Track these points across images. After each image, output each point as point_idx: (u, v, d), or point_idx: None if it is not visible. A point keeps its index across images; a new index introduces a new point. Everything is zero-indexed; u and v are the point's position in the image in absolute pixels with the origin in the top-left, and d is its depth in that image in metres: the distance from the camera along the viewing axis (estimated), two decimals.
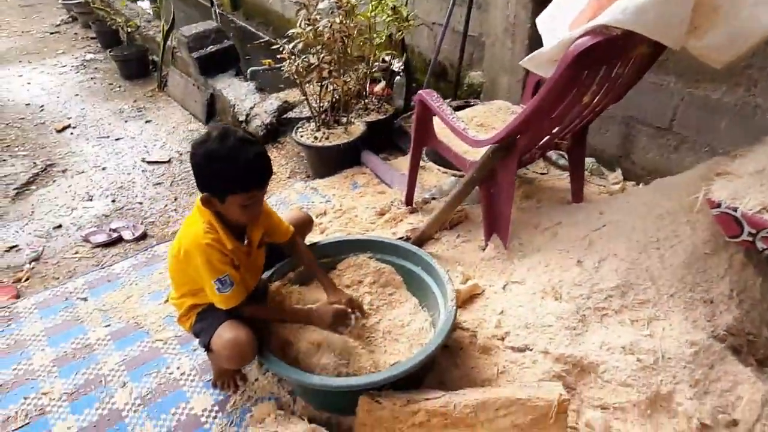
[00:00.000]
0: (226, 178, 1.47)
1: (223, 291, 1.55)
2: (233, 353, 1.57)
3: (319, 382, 1.51)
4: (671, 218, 1.80)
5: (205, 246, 1.52)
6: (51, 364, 1.97)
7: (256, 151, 1.49)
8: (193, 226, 1.57)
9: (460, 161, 2.22)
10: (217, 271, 1.54)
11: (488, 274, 2.14)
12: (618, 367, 1.64)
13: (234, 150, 1.44)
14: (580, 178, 2.35)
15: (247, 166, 1.46)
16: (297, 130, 3.16)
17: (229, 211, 1.55)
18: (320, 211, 2.65)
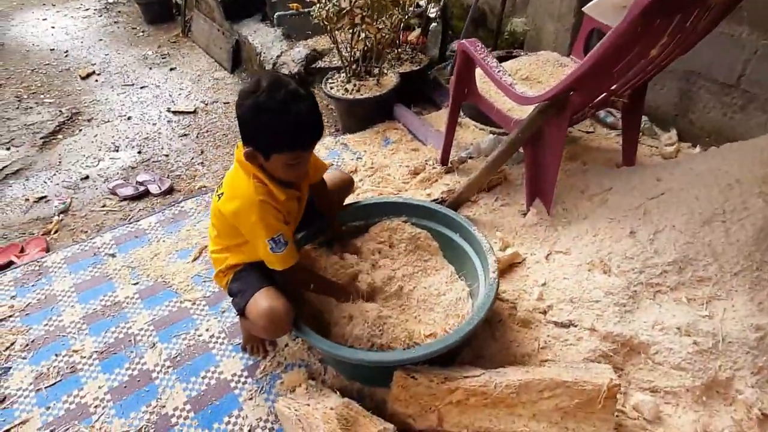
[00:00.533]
0: (275, 134, 1.34)
1: (277, 251, 1.45)
2: (269, 323, 1.49)
3: (355, 357, 1.44)
4: (741, 188, 1.62)
5: (260, 203, 1.42)
6: (81, 321, 1.95)
7: (308, 107, 1.35)
8: (240, 180, 1.46)
9: (503, 119, 2.05)
10: (272, 229, 1.44)
11: (529, 241, 2.01)
12: (672, 349, 1.53)
13: (285, 104, 1.31)
14: (634, 139, 2.16)
15: (298, 124, 1.33)
16: (326, 81, 2.99)
17: (272, 168, 1.43)
18: (351, 168, 2.53)
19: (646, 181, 1.88)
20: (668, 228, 1.72)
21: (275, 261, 1.48)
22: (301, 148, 1.39)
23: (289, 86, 1.33)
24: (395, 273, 1.87)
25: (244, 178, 1.46)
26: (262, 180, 1.45)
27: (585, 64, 1.56)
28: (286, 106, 1.31)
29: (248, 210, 1.43)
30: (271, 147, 1.37)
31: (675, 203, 1.74)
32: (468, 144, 2.67)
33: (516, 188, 2.31)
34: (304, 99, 1.35)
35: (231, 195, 1.48)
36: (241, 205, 1.44)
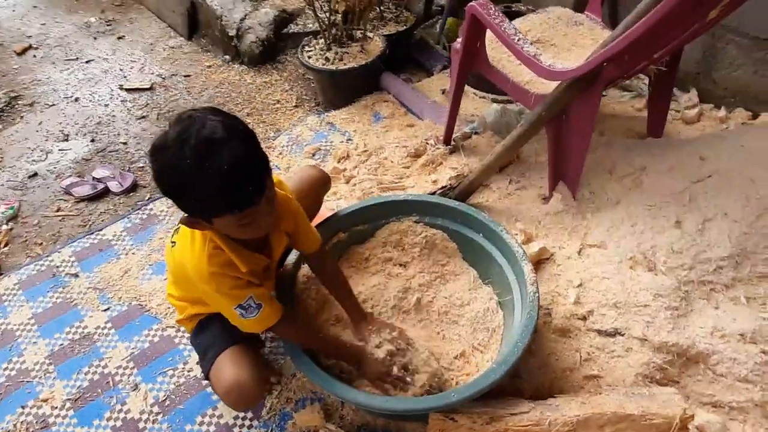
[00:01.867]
0: (199, 199, 0.99)
1: (249, 316, 1.19)
2: (236, 401, 1.28)
3: (384, 406, 1.21)
4: None
5: (210, 276, 1.14)
6: (47, 360, 1.67)
7: (231, 155, 0.94)
8: (191, 244, 1.17)
9: (521, 94, 1.78)
10: (235, 297, 1.17)
11: (555, 233, 1.79)
12: (736, 360, 1.36)
13: (199, 159, 0.93)
14: (664, 109, 1.92)
15: (222, 183, 0.95)
16: (303, 50, 2.63)
17: (224, 230, 1.11)
18: (342, 153, 2.23)
19: (687, 160, 1.66)
20: (720, 216, 1.51)
21: (250, 325, 1.22)
22: (239, 209, 1.00)
23: (201, 132, 0.94)
24: (410, 283, 1.64)
25: (198, 240, 1.16)
26: (219, 246, 1.14)
27: (636, 32, 1.29)
28: (200, 162, 0.93)
29: (199, 283, 1.17)
30: (205, 211, 1.03)
31: (726, 187, 1.53)
32: (469, 116, 2.39)
33: (531, 167, 2.07)
34: (222, 144, 0.94)
35: (181, 257, 1.20)
36: (192, 274, 1.17)
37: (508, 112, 2.25)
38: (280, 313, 1.23)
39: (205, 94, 3.00)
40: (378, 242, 1.68)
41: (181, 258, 1.20)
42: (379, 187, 2.03)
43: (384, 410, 1.23)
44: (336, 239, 1.64)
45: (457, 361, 1.50)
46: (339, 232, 1.64)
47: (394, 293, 1.59)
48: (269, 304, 1.21)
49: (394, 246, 1.68)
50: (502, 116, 2.23)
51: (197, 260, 1.14)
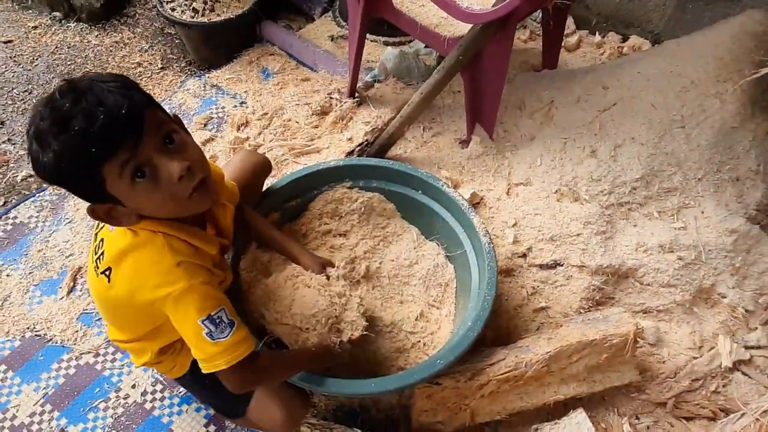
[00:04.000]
0: (79, 153, 0.79)
1: (218, 337, 0.93)
2: (289, 429, 1.18)
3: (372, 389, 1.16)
4: (697, 91, 1.57)
5: (178, 268, 0.91)
6: None
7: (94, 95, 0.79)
8: (136, 254, 0.94)
9: (431, 38, 1.70)
10: (207, 300, 0.93)
11: (481, 176, 1.82)
12: (659, 269, 1.52)
13: (59, 118, 0.78)
14: (559, 39, 1.99)
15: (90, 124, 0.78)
16: (162, 0, 2.25)
17: (147, 206, 0.90)
18: (239, 120, 2.00)
19: (592, 90, 1.75)
20: (628, 141, 1.64)
21: (215, 355, 0.93)
22: (125, 148, 0.81)
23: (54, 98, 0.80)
24: (355, 252, 1.56)
25: (142, 243, 0.93)
26: (169, 233, 0.94)
27: None
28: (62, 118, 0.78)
29: (165, 284, 0.91)
30: (89, 180, 0.83)
31: (630, 113, 1.65)
32: (364, 63, 2.27)
33: (440, 112, 2.05)
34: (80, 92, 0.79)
35: (131, 271, 0.94)
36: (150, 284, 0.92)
37: (407, 54, 2.18)
38: (254, 342, 0.99)
39: (39, 63, 2.47)
40: (313, 215, 1.56)
41: (132, 269, 0.94)
42: (291, 154, 1.87)
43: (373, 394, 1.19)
44: (270, 220, 1.48)
45: (418, 322, 1.49)
46: (271, 212, 1.49)
47: (342, 265, 1.51)
48: (242, 327, 0.97)
49: (331, 216, 1.57)
50: (402, 60, 2.15)
51: (153, 259, 0.92)
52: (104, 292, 0.99)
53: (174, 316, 0.94)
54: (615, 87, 1.71)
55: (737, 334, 1.48)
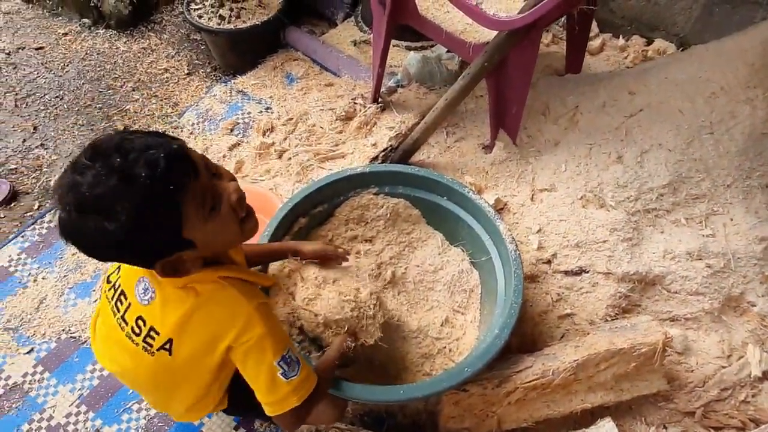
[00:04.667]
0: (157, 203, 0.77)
1: (291, 376, 0.95)
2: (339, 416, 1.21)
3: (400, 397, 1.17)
4: (726, 97, 1.56)
5: (256, 310, 0.92)
6: None
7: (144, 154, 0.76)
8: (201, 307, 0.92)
9: (456, 44, 1.71)
10: (281, 341, 0.95)
11: (505, 181, 1.82)
12: (687, 276, 1.51)
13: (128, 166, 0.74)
14: (583, 44, 1.98)
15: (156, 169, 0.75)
16: (189, 7, 2.29)
17: (208, 239, 0.86)
18: (265, 125, 2.03)
19: (618, 96, 1.74)
20: (655, 147, 1.63)
21: (293, 392, 0.95)
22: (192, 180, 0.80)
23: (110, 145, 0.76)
24: (381, 258, 1.58)
25: (209, 292, 0.92)
26: (232, 276, 0.95)
27: None
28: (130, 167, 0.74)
29: (247, 332, 0.91)
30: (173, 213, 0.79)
31: (658, 119, 1.64)
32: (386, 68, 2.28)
33: (464, 117, 2.05)
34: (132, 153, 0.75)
35: (202, 328, 0.92)
36: (234, 334, 0.91)
37: (430, 59, 2.18)
38: (315, 378, 1.01)
39: (70, 69, 2.53)
40: (340, 221, 1.58)
41: (199, 339, 0.92)
42: (317, 159, 1.89)
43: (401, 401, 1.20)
44: (297, 226, 1.51)
45: (444, 328, 1.50)
46: (299, 218, 1.52)
47: (368, 272, 1.53)
48: (303, 359, 0.99)
49: (357, 222, 1.60)
50: (425, 65, 2.16)
51: (229, 309, 0.91)
52: (164, 365, 0.95)
53: (247, 364, 0.93)
54: (642, 92, 1.70)
55: (767, 344, 1.46)
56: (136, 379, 1.05)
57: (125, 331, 0.97)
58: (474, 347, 1.37)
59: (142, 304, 0.94)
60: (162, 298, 0.92)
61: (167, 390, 1.04)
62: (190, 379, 1.01)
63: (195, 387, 1.02)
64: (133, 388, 1.16)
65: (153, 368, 0.97)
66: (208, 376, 0.99)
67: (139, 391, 1.14)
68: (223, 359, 0.94)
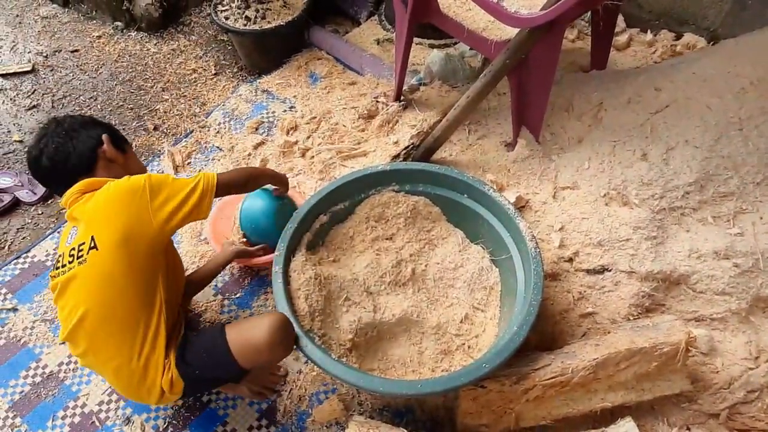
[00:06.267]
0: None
1: (194, 173, 1.33)
2: (281, 336, 1.18)
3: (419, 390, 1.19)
4: (757, 92, 1.52)
5: (141, 178, 1.19)
6: (10, 414, 1.46)
7: None
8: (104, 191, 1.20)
9: (478, 42, 1.71)
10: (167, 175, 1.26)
11: (526, 179, 1.81)
12: (713, 276, 1.48)
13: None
14: (609, 40, 1.95)
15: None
16: (216, 9, 2.35)
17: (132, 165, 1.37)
18: (289, 124, 2.07)
19: (643, 92, 1.72)
20: (682, 144, 1.60)
21: (200, 185, 1.22)
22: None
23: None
24: (401, 255, 1.60)
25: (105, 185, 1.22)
26: None
27: None
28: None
29: (137, 178, 1.19)
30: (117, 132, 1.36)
31: (685, 115, 1.61)
32: (410, 66, 2.29)
33: (486, 114, 2.05)
34: None
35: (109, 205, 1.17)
36: (131, 181, 1.19)
37: (452, 57, 2.18)
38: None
39: (103, 71, 2.62)
40: (360, 218, 1.60)
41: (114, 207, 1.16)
42: (339, 157, 1.92)
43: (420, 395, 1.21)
44: (318, 223, 1.54)
45: (463, 325, 1.51)
46: (320, 215, 1.55)
47: (389, 269, 1.55)
48: None
49: (377, 220, 1.62)
50: (447, 63, 2.16)
51: (120, 180, 1.20)
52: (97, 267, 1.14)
53: (160, 200, 1.17)
54: (668, 88, 1.67)
55: None
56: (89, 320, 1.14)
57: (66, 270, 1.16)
58: (493, 344, 1.37)
59: (68, 243, 1.18)
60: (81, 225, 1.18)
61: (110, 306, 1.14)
62: (124, 270, 1.13)
63: (133, 284, 1.15)
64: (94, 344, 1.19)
65: (91, 281, 1.14)
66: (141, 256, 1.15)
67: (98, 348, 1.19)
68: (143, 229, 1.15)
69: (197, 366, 1.18)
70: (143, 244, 1.15)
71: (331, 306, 1.43)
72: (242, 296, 1.66)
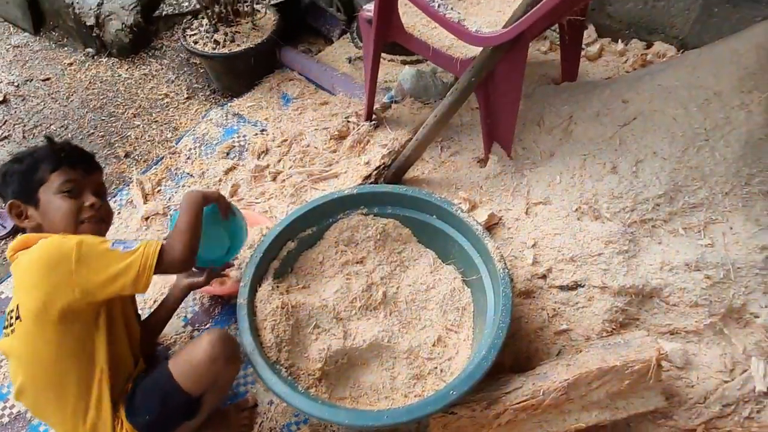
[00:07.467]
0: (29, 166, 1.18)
1: (130, 246, 1.09)
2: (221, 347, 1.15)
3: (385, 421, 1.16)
4: (720, 102, 1.52)
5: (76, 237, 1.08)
6: None
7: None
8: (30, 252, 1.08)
9: (444, 59, 1.71)
10: (102, 239, 1.12)
11: (499, 195, 1.80)
12: (685, 288, 1.47)
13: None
14: (577, 53, 1.95)
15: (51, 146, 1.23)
16: (185, 34, 2.34)
17: (50, 216, 1.15)
18: (260, 148, 2.05)
19: (611, 105, 1.71)
20: (650, 156, 1.59)
21: (145, 250, 1.09)
22: (73, 166, 1.20)
23: None
24: (372, 278, 1.58)
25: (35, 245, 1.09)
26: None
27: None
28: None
29: (62, 242, 1.06)
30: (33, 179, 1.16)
31: (652, 128, 1.60)
32: (382, 83, 2.29)
33: (458, 130, 2.04)
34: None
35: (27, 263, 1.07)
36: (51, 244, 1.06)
37: (424, 73, 2.18)
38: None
39: (74, 99, 2.60)
40: (330, 243, 1.58)
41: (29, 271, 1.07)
42: (310, 180, 1.90)
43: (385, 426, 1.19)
44: (285, 250, 1.52)
45: (436, 348, 1.48)
46: (287, 242, 1.52)
47: (359, 293, 1.52)
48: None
49: (347, 244, 1.60)
50: (419, 79, 2.16)
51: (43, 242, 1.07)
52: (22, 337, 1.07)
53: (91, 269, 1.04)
54: (635, 100, 1.67)
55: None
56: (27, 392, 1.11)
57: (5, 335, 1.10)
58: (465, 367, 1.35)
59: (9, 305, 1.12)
60: (14, 278, 1.12)
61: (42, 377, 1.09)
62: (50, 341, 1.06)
63: (62, 355, 1.07)
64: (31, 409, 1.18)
65: (21, 354, 1.09)
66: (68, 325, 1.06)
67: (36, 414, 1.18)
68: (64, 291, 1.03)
69: (147, 408, 1.14)
70: (70, 313, 1.05)
71: (299, 335, 1.40)
72: (212, 326, 1.63)
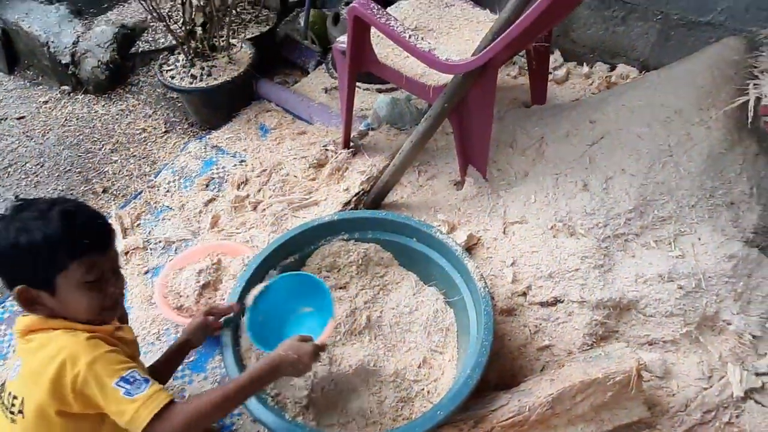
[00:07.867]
0: (44, 250, 0.97)
1: (136, 393, 0.95)
2: None
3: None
4: (682, 120, 1.60)
5: (87, 341, 0.99)
6: None
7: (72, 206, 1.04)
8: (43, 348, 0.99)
9: (417, 88, 1.76)
10: (116, 366, 0.98)
11: (477, 216, 1.84)
12: (660, 299, 1.51)
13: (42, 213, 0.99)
14: (545, 76, 2.04)
15: (67, 222, 0.99)
16: (162, 69, 2.36)
17: (69, 306, 1.02)
18: (239, 179, 2.06)
19: (580, 125, 1.78)
20: (619, 173, 1.65)
21: (142, 408, 0.94)
22: (86, 252, 1.00)
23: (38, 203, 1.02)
24: (355, 303, 1.59)
25: (38, 339, 1.01)
26: (72, 327, 1.02)
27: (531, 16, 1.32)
28: (43, 214, 0.98)
29: (73, 361, 0.95)
30: (50, 266, 0.98)
31: (619, 145, 1.67)
32: (358, 111, 2.34)
33: (434, 154, 2.09)
34: (63, 203, 1.03)
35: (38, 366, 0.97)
36: (61, 360, 0.95)
37: (398, 101, 2.24)
38: (170, 394, 0.99)
39: (50, 136, 2.59)
40: (312, 269, 1.60)
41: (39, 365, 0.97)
42: (290, 208, 1.92)
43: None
44: (268, 279, 1.52)
45: (421, 370, 1.49)
46: (269, 270, 1.53)
47: (343, 319, 1.53)
48: (156, 383, 1.00)
49: (329, 269, 1.61)
50: (394, 107, 2.21)
51: (61, 341, 0.98)
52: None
53: (94, 393, 0.95)
54: (601, 120, 1.74)
55: (747, 362, 1.45)
56: None
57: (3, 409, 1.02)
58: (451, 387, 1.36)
59: (11, 379, 1.02)
60: (23, 366, 1.01)
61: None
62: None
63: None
64: None
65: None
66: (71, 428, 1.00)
67: None
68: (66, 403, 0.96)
69: None
70: (71, 420, 1.00)
71: None
72: (196, 359, 1.61)
